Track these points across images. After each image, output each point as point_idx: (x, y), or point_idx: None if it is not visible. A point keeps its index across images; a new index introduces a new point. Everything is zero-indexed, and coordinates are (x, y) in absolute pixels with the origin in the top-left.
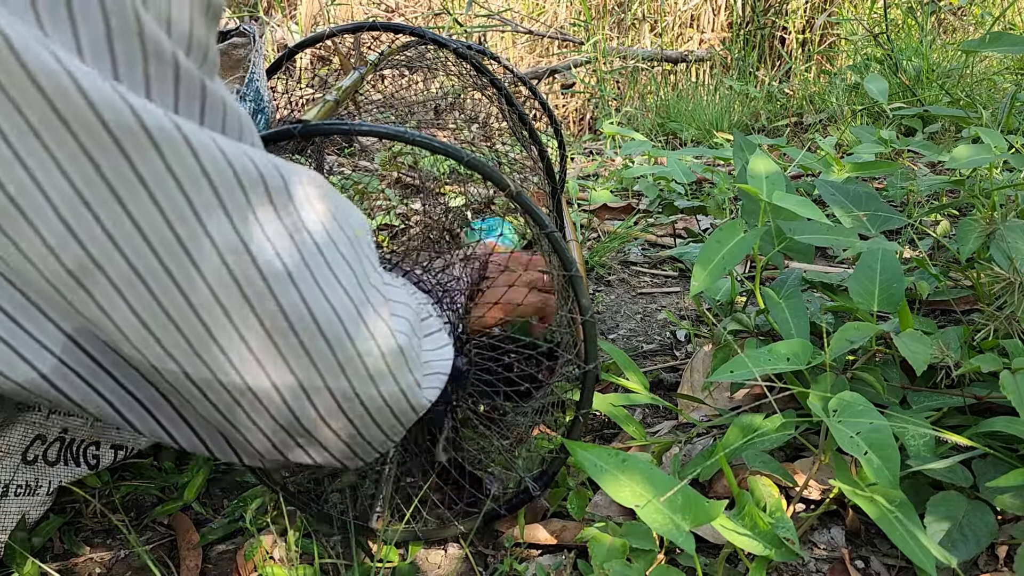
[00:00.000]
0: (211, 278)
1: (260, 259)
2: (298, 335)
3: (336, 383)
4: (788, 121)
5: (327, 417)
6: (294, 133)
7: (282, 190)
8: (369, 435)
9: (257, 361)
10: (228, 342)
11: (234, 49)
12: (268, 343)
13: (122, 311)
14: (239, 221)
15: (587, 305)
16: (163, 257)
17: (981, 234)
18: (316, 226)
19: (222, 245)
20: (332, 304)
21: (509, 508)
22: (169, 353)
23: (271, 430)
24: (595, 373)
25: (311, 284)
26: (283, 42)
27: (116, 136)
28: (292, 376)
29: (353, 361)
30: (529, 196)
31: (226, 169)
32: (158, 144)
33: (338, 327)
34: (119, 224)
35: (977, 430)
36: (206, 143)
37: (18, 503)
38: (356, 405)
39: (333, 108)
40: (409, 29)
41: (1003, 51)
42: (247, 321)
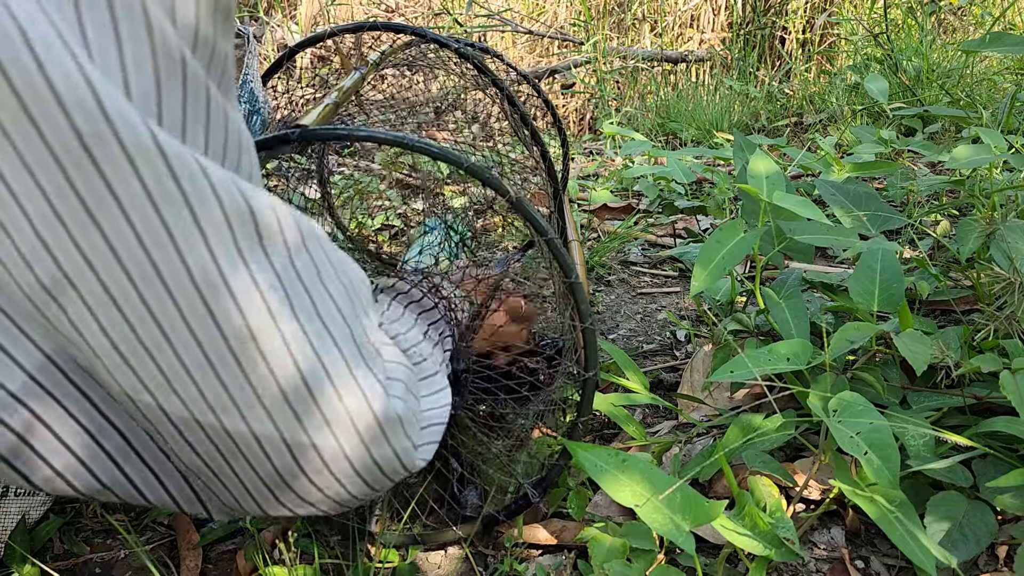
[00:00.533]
0: (186, 310)
1: (241, 298)
2: (280, 386)
3: (323, 441)
4: (788, 121)
5: (311, 474)
6: (292, 138)
7: (275, 231)
8: (358, 492)
9: (235, 406)
10: (204, 380)
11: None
12: (247, 389)
13: (95, 333)
14: (221, 256)
15: (587, 312)
16: (136, 281)
17: (981, 234)
18: (308, 273)
19: (199, 278)
20: (320, 358)
21: (508, 514)
22: (143, 383)
23: (250, 481)
24: (595, 380)
25: (298, 333)
26: (283, 42)
27: (88, 146)
28: (274, 428)
29: (343, 421)
30: (529, 200)
31: (211, 199)
32: (134, 161)
33: (326, 384)
34: (91, 241)
35: (977, 430)
36: (190, 167)
37: (18, 503)
38: (345, 465)
39: (333, 110)
40: (410, 29)
41: (1003, 51)
42: (224, 362)
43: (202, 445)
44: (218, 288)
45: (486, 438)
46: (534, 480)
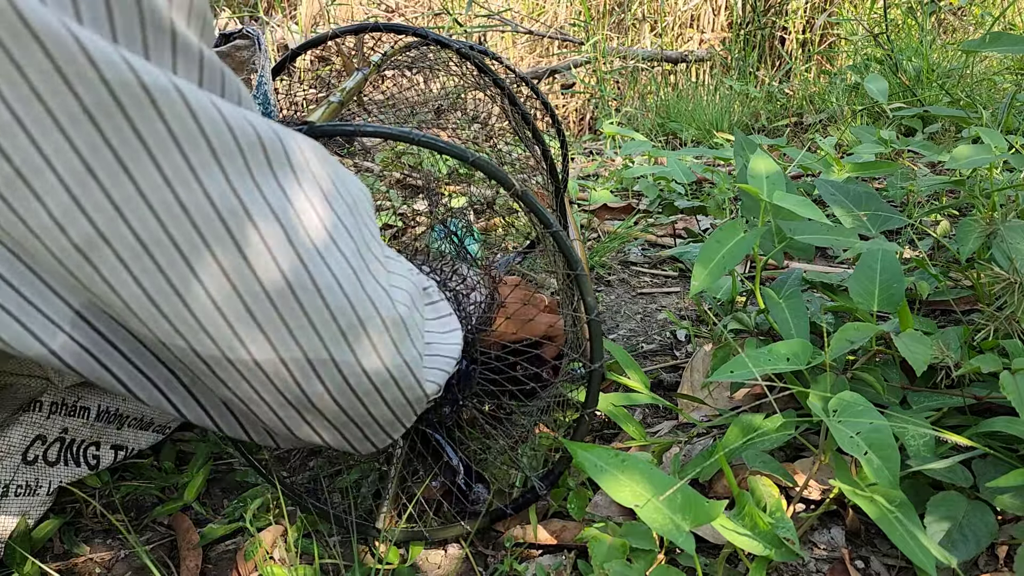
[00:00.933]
0: (213, 243)
1: (260, 223)
2: (301, 303)
3: (341, 355)
4: (788, 121)
5: (335, 393)
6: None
7: (280, 154)
8: (378, 413)
9: (264, 334)
10: (234, 314)
11: (237, 51)
12: (273, 313)
13: (129, 286)
14: (238, 184)
15: (592, 304)
16: (167, 224)
17: (981, 234)
18: (314, 191)
19: (223, 208)
20: (333, 271)
21: (516, 508)
22: (177, 329)
23: (279, 405)
24: (600, 372)
25: (311, 250)
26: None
27: (118, 96)
28: (299, 349)
29: (355, 329)
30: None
31: (224, 131)
32: (158, 104)
33: (339, 295)
34: (124, 192)
35: (977, 430)
36: (204, 104)
37: (18, 503)
38: (363, 380)
39: (338, 109)
40: (411, 30)
41: (1003, 51)
42: (251, 290)
43: (232, 380)
44: (238, 215)
45: (493, 431)
46: (541, 473)
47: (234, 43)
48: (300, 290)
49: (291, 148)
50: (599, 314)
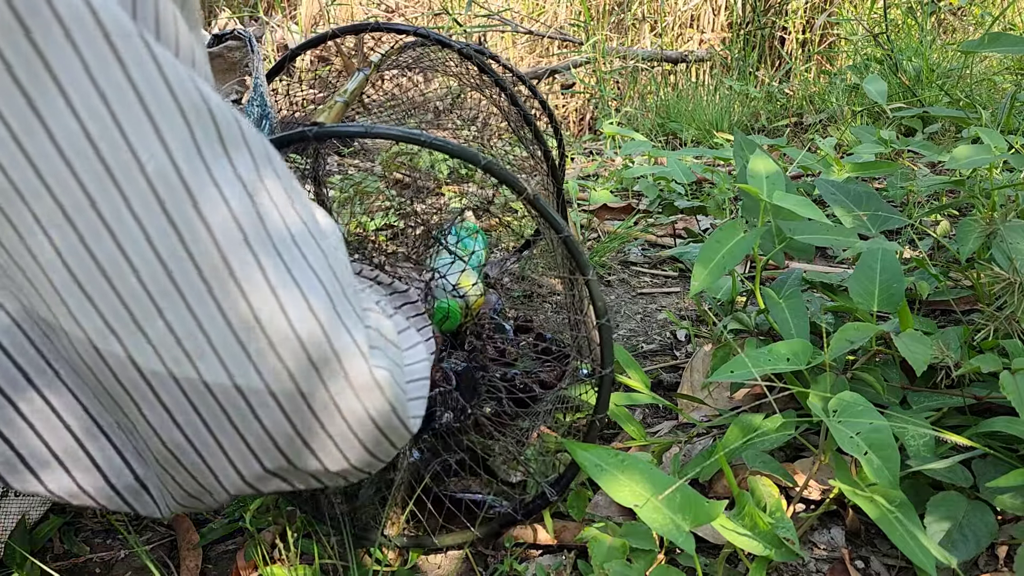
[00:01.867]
0: (144, 218)
1: (204, 206)
2: (258, 317)
3: (310, 388)
4: (788, 121)
5: (303, 431)
6: (309, 136)
7: (237, 138)
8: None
9: (211, 346)
10: (174, 313)
11: (229, 52)
12: (223, 325)
13: (52, 260)
14: (179, 154)
15: (603, 309)
16: (87, 185)
17: (981, 234)
18: (277, 192)
19: (156, 178)
20: (303, 292)
21: (526, 513)
22: (108, 325)
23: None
24: (611, 377)
25: (273, 256)
26: (283, 42)
27: (20, 15)
28: (258, 377)
29: (331, 364)
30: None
31: (161, 87)
32: (72, 35)
33: (311, 320)
34: (38, 141)
35: (977, 430)
36: (137, 48)
37: (18, 503)
38: (337, 420)
39: (343, 109)
40: (411, 30)
41: (1003, 51)
42: (193, 287)
43: (182, 412)
44: (176, 190)
45: (502, 437)
46: (552, 479)
47: (226, 44)
48: (260, 308)
49: (251, 136)
50: (609, 319)
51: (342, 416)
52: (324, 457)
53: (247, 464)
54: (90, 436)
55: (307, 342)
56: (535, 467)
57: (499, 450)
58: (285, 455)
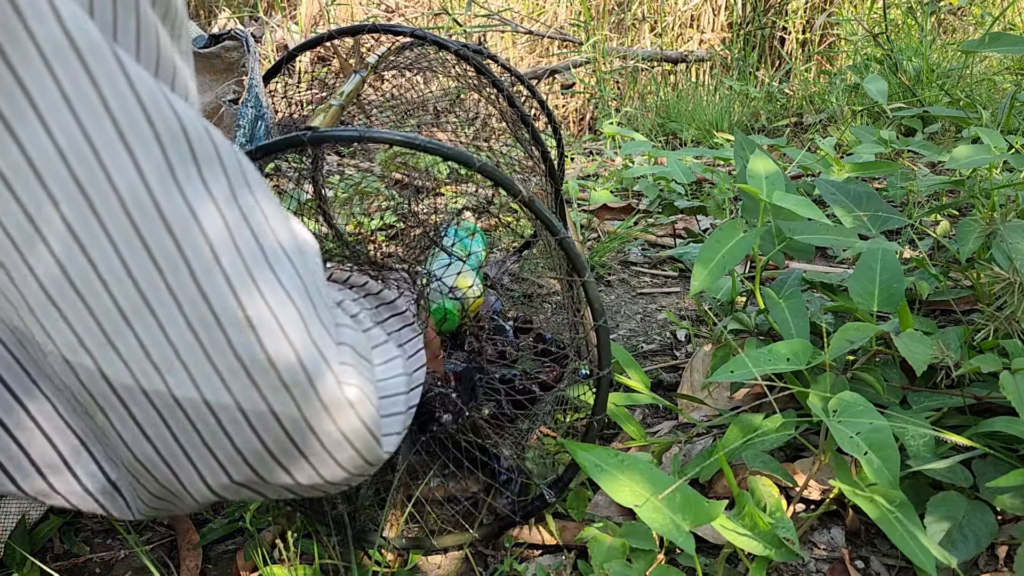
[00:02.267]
0: (117, 239)
1: (176, 228)
2: (230, 341)
3: (282, 407)
4: (788, 121)
5: (274, 449)
6: (304, 140)
7: (212, 157)
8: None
9: (180, 361)
10: (144, 330)
11: (226, 52)
12: (193, 342)
13: (21, 271)
14: (152, 176)
15: (600, 310)
16: (59, 202)
17: (981, 234)
18: (252, 212)
19: (129, 200)
20: (274, 312)
21: (525, 515)
22: (79, 338)
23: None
24: (609, 378)
25: (243, 275)
26: (283, 42)
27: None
28: (227, 392)
29: (302, 387)
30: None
31: (134, 107)
32: (45, 54)
33: (281, 340)
34: (8, 155)
35: (977, 430)
36: (108, 66)
37: (18, 503)
38: (311, 440)
39: (339, 112)
40: (410, 31)
41: (1003, 51)
42: (164, 304)
43: (151, 425)
44: (149, 212)
45: (500, 439)
46: (550, 480)
47: (223, 44)
48: (229, 325)
49: (225, 154)
50: (607, 320)
51: (315, 435)
52: (296, 473)
53: (215, 476)
54: (64, 439)
55: (277, 362)
56: (534, 468)
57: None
58: (255, 470)
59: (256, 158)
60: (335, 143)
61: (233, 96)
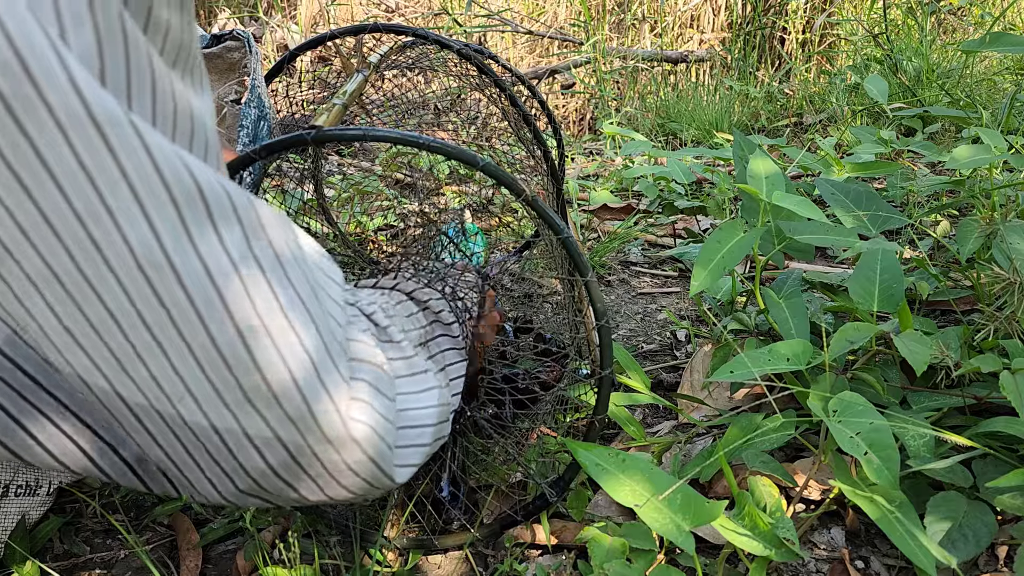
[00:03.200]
0: (131, 290)
1: (187, 280)
2: (238, 380)
3: (290, 437)
4: (788, 121)
5: (279, 469)
6: (308, 139)
7: (227, 210)
8: (332, 493)
9: (191, 395)
10: (157, 365)
11: (228, 53)
12: (201, 376)
13: (42, 310)
14: (166, 235)
15: (602, 310)
16: (76, 258)
17: (981, 234)
18: (268, 259)
19: (143, 257)
20: (283, 356)
21: (526, 515)
22: (95, 365)
23: (215, 475)
24: (611, 378)
25: (255, 323)
26: (283, 42)
27: (11, 108)
28: (235, 422)
29: (306, 420)
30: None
31: (151, 174)
32: (63, 127)
33: (288, 383)
34: (26, 213)
35: (977, 430)
36: (127, 137)
37: (18, 503)
38: (315, 464)
39: (342, 112)
40: (411, 30)
41: (1003, 51)
42: (175, 346)
43: (163, 436)
44: (162, 269)
45: (501, 439)
46: (551, 480)
47: (225, 44)
48: (237, 366)
49: (240, 206)
50: (609, 320)
51: (319, 461)
52: (301, 489)
53: (223, 484)
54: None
55: (283, 400)
56: (535, 468)
57: (497, 450)
58: (259, 484)
59: (260, 157)
60: (338, 142)
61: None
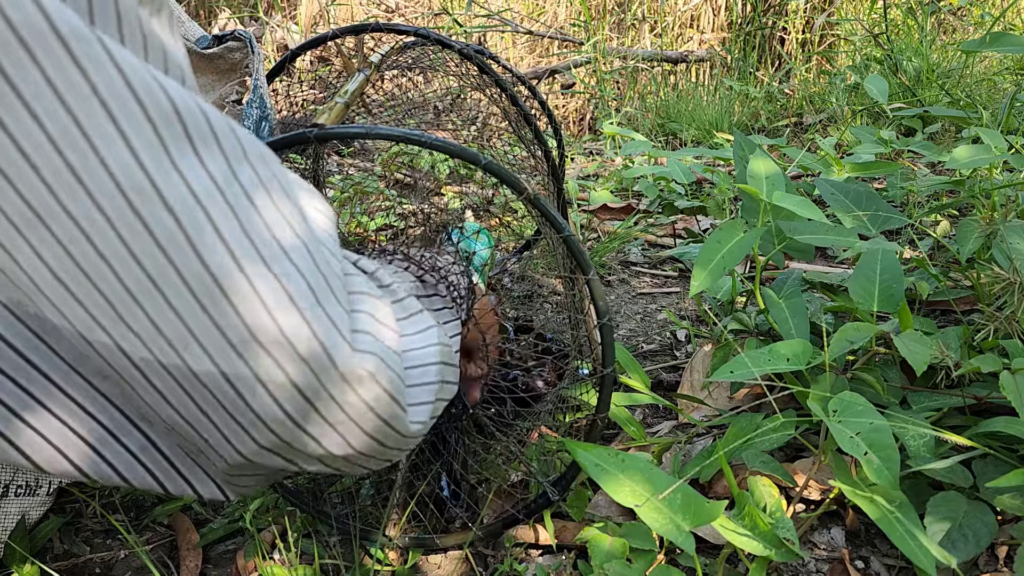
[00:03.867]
0: (117, 222)
1: (175, 205)
2: (239, 312)
3: (303, 379)
4: (788, 121)
5: (297, 417)
6: (310, 137)
7: (207, 134)
8: (356, 443)
9: (194, 338)
10: (154, 308)
11: (230, 53)
12: (204, 318)
13: (29, 257)
14: (146, 157)
15: (604, 309)
16: (56, 191)
17: (981, 234)
18: (254, 187)
19: (125, 183)
20: (282, 283)
21: (528, 513)
22: (94, 318)
23: (232, 432)
24: (613, 376)
25: (250, 251)
26: (283, 42)
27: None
28: (245, 366)
29: (320, 359)
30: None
31: (123, 91)
32: (27, 43)
33: (294, 313)
34: (3, 150)
35: (977, 430)
36: (94, 52)
37: (18, 503)
38: (334, 409)
39: (344, 110)
40: (411, 30)
41: (1003, 51)
42: (170, 282)
43: (174, 394)
44: (147, 193)
45: (504, 437)
46: (553, 479)
47: (226, 44)
48: (238, 299)
49: (221, 131)
50: (611, 319)
51: (337, 404)
52: (323, 439)
53: (241, 441)
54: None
55: (290, 335)
56: (537, 467)
57: (499, 448)
58: (279, 436)
59: None
60: (341, 140)
61: (236, 97)
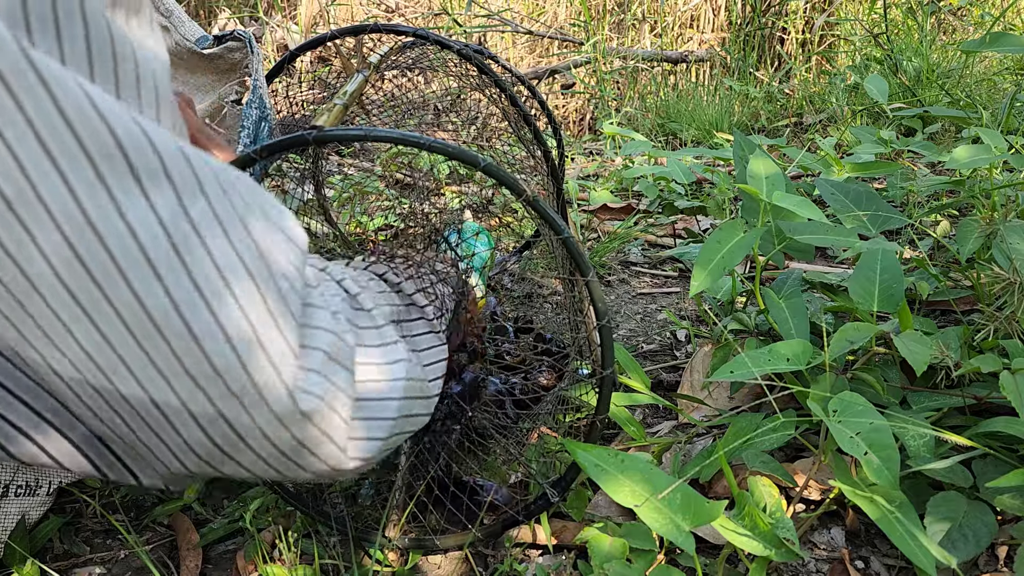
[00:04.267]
0: (49, 252)
1: (109, 239)
2: (171, 347)
3: (233, 414)
4: (788, 121)
5: (227, 448)
6: (309, 139)
7: (154, 168)
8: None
9: (124, 365)
10: (86, 336)
11: (229, 53)
12: (135, 347)
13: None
14: (81, 189)
15: (603, 310)
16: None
17: (981, 234)
18: (207, 223)
19: (57, 211)
20: (220, 323)
21: (528, 514)
22: (24, 337)
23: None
24: (612, 377)
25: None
26: (283, 43)
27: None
28: (175, 396)
29: (251, 395)
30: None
31: (55, 118)
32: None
33: (229, 354)
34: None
35: (977, 430)
36: (22, 71)
37: (18, 503)
38: (266, 445)
39: (343, 112)
40: (411, 31)
41: (1003, 51)
42: (103, 313)
43: (103, 412)
44: (81, 230)
45: (504, 439)
46: (552, 480)
47: (226, 44)
48: (172, 336)
49: (172, 163)
50: (610, 320)
51: (268, 440)
52: (252, 468)
53: (171, 463)
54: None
55: (224, 372)
56: (536, 468)
57: (500, 451)
58: (208, 463)
59: (261, 157)
60: (340, 142)
61: (236, 97)
